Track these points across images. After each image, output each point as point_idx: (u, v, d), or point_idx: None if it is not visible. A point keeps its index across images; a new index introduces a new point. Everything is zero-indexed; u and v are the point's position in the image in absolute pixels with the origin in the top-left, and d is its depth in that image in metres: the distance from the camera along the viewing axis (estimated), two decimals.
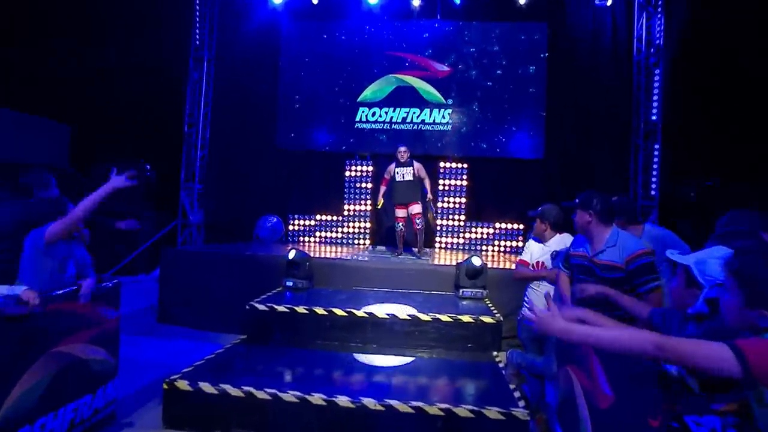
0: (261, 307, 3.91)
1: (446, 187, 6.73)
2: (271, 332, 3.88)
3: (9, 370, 2.08)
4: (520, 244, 6.29)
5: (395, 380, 3.08)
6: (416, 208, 5.43)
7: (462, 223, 6.68)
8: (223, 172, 7.06)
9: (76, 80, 7.02)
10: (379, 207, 5.79)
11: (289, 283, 4.59)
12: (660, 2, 6.32)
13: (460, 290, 4.43)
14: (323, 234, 6.90)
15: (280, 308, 3.89)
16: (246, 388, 2.63)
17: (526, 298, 3.20)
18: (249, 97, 7.04)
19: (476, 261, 4.40)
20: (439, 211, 6.60)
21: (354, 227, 6.90)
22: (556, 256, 2.99)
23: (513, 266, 5.03)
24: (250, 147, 7.07)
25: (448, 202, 6.73)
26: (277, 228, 6.92)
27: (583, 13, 6.57)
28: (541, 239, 3.11)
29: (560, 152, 6.56)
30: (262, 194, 7.02)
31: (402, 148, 5.40)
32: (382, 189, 5.55)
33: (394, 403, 2.54)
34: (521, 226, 6.42)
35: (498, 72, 6.85)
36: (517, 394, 2.75)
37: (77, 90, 7.07)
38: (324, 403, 2.55)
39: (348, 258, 5.40)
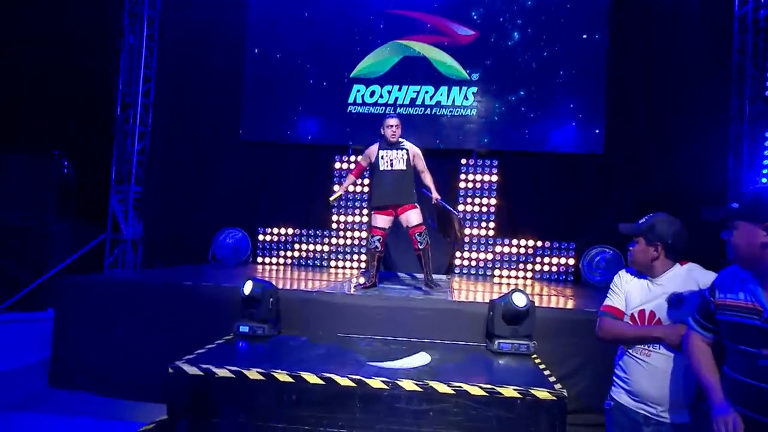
0: (191, 369, 2.95)
1: (470, 185, 6.10)
2: (208, 410, 2.92)
3: None
4: (567, 262, 5.88)
5: None
6: (413, 218, 4.43)
7: (490, 235, 6.08)
8: (169, 171, 6.45)
9: None
10: (332, 202, 4.91)
11: (244, 329, 3.70)
12: None
13: (496, 342, 3.51)
14: (303, 253, 6.28)
15: (221, 372, 2.92)
16: None
17: (619, 372, 2.22)
18: (206, 72, 6.48)
19: (519, 299, 3.50)
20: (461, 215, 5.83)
21: (345, 245, 6.24)
22: (677, 302, 2.04)
23: (561, 302, 4.61)
24: (207, 138, 6.50)
25: (473, 204, 6.12)
26: (241, 245, 6.26)
27: None
28: (646, 272, 2.14)
29: (627, 145, 5.90)
30: (222, 201, 6.43)
31: (392, 121, 4.41)
32: (349, 179, 4.80)
33: None
34: (571, 244, 5.88)
35: (543, 38, 6.11)
36: None
37: None
38: None
39: (331, 291, 4.47)
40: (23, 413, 3.49)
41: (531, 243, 6.03)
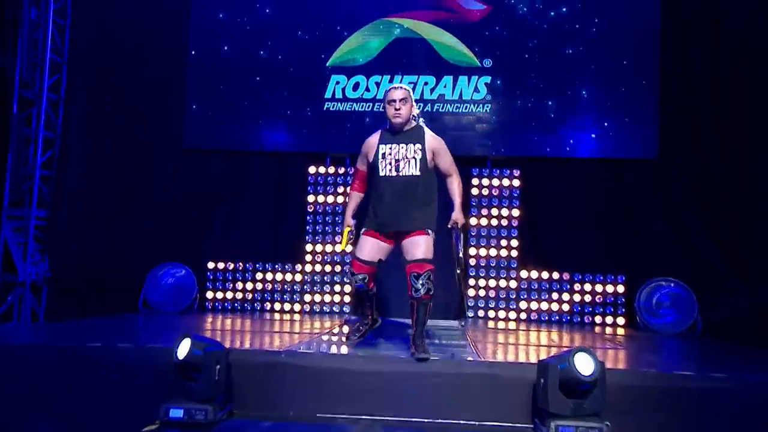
0: None
1: (486, 193, 5.98)
2: None
3: None
4: (616, 290, 5.73)
5: None
6: (419, 250, 3.77)
7: (513, 256, 5.95)
8: (84, 189, 6.15)
9: None
10: (342, 249, 4.62)
11: (176, 413, 3.14)
12: None
13: (552, 425, 2.99)
14: (268, 285, 6.10)
15: None
16: None
17: None
18: (136, 58, 6.32)
19: (583, 362, 3.02)
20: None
21: (322, 283, 6.04)
22: None
23: (623, 357, 4.50)
24: (139, 145, 6.36)
25: (490, 217, 5.98)
26: (186, 286, 6.02)
27: None
28: None
29: (686, 149, 5.89)
30: (158, 227, 6.24)
31: (397, 93, 3.72)
32: (353, 199, 4.07)
33: None
34: (620, 277, 5.70)
35: (576, 15, 6.08)
36: None
37: None
38: None
39: (307, 350, 3.83)
40: None
41: (566, 276, 5.82)
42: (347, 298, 5.91)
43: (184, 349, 3.09)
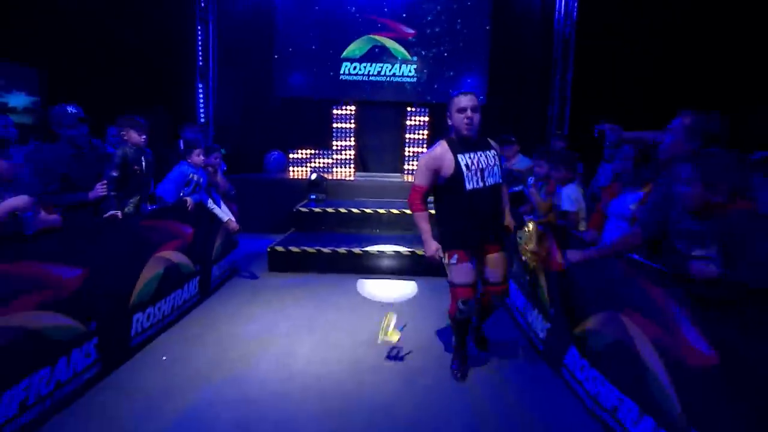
0: (303, 209, 9.26)
1: (413, 123, 12.04)
2: (311, 224, 9.23)
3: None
4: None
5: (386, 245, 8.58)
6: (500, 268, 3.90)
7: (425, 152, 12.06)
8: (232, 114, 12.15)
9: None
10: (389, 339, 4.46)
11: (313, 197, 9.96)
12: None
13: None
14: (317, 163, 12.11)
15: (317, 210, 9.26)
16: (314, 248, 7.91)
17: None
18: (251, 53, 11.98)
19: None
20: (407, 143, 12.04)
21: (341, 157, 12.16)
22: None
23: None
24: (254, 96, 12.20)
25: (415, 135, 12.06)
26: (281, 160, 12.13)
27: None
28: None
29: (500, 99, 11.96)
30: (267, 132, 12.23)
31: (467, 100, 3.64)
32: (426, 218, 3.77)
33: (383, 248, 8.05)
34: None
35: (451, 34, 11.99)
36: None
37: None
38: (346, 252, 7.90)
39: (349, 179, 10.74)
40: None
41: None
42: None
43: (313, 176, 9.92)
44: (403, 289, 7.09)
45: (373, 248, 7.85)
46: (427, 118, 11.93)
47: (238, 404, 3.89)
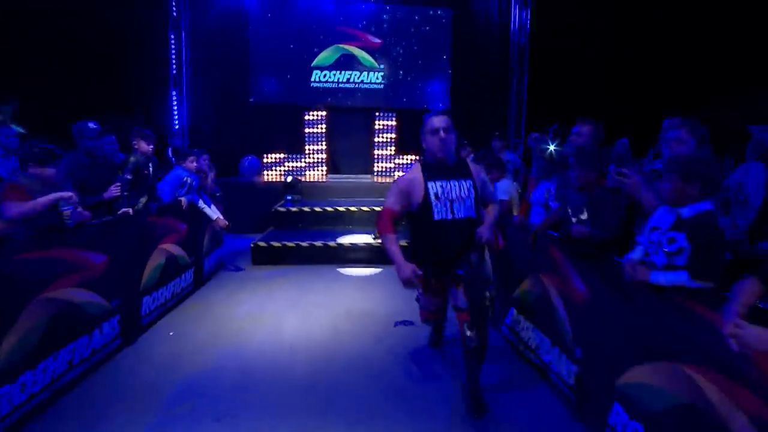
0: (281, 209, 10.13)
1: (380, 127, 12.89)
2: (288, 223, 10.11)
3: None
4: None
5: (358, 236, 9.51)
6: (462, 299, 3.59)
7: (393, 154, 13.09)
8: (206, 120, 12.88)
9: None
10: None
11: (289, 198, 10.83)
12: None
13: None
14: (290, 166, 12.78)
15: (294, 209, 10.13)
16: (293, 242, 8.78)
17: None
18: (224, 61, 12.70)
19: None
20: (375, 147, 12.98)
21: (313, 160, 12.91)
22: None
23: None
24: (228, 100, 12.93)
25: (383, 138, 12.93)
26: (255, 163, 12.91)
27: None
28: None
29: (462, 104, 12.99)
30: (242, 135, 12.97)
31: (439, 121, 3.57)
32: (391, 244, 3.60)
33: (355, 240, 8.98)
34: None
35: (415, 45, 12.99)
36: None
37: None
38: (322, 245, 8.82)
39: (322, 181, 11.68)
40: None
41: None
42: None
43: (289, 179, 10.87)
44: (373, 273, 8.11)
45: (346, 241, 8.75)
46: (394, 123, 12.81)
47: (239, 366, 4.75)
